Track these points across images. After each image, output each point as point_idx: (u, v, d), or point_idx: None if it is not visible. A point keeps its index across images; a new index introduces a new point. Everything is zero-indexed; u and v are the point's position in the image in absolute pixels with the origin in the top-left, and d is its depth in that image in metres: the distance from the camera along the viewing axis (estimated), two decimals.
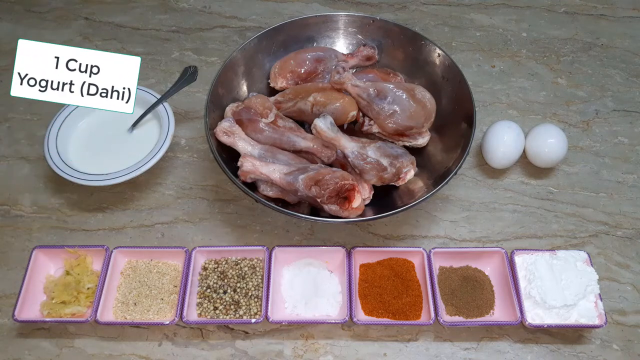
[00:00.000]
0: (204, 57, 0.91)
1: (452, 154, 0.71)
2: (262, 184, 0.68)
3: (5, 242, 0.71)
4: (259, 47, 0.80)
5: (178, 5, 1.00)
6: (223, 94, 0.75)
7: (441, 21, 0.97)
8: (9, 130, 0.82)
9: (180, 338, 0.63)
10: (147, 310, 0.63)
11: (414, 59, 0.80)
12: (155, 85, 0.83)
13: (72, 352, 0.62)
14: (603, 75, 0.89)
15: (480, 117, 0.76)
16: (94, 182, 0.70)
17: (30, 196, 0.75)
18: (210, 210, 0.74)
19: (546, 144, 0.74)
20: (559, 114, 0.84)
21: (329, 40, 0.84)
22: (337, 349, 0.62)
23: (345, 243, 0.70)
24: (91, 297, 0.63)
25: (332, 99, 0.73)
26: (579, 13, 0.98)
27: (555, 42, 0.94)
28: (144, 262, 0.67)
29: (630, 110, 0.85)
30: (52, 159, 0.72)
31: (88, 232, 0.72)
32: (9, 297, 0.65)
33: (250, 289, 0.64)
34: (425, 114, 0.72)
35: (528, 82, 0.88)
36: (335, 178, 0.63)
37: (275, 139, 0.71)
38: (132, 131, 0.77)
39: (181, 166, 0.78)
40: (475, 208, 0.75)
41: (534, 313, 0.62)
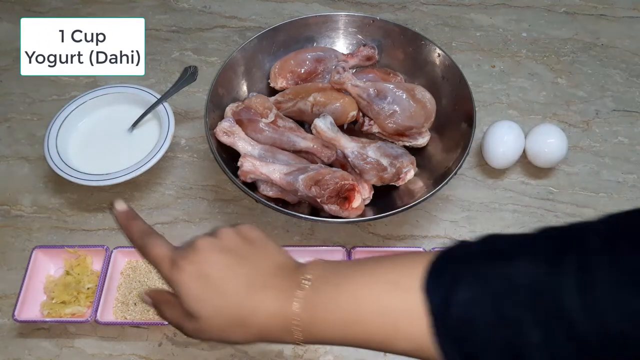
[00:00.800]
0: (204, 57, 0.91)
1: (452, 154, 0.71)
2: (262, 184, 0.68)
3: (5, 242, 0.71)
4: (259, 47, 0.80)
5: (178, 5, 1.00)
6: (223, 94, 0.75)
7: (441, 21, 0.97)
8: (9, 130, 0.82)
9: (180, 338, 0.63)
10: (147, 310, 0.63)
11: (414, 59, 0.80)
12: (155, 85, 0.82)
13: (72, 352, 0.62)
14: (603, 75, 0.89)
15: (480, 117, 0.76)
16: (94, 182, 0.70)
17: (30, 196, 0.75)
18: (211, 210, 0.74)
19: (546, 144, 0.74)
20: (559, 114, 0.84)
21: (329, 40, 0.84)
22: (337, 349, 0.62)
23: (345, 243, 0.70)
24: (91, 297, 0.63)
25: (332, 99, 0.73)
26: (579, 13, 0.98)
27: (555, 42, 0.94)
28: (144, 262, 0.67)
29: (630, 110, 0.85)
30: (52, 159, 0.72)
31: (88, 232, 0.72)
32: (9, 297, 0.65)
33: None
34: (425, 114, 0.72)
35: (528, 82, 0.88)
36: (335, 178, 0.63)
37: (275, 139, 0.71)
38: (132, 131, 0.77)
39: (181, 166, 0.78)
40: (475, 208, 0.75)
41: None
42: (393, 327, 0.39)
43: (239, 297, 0.43)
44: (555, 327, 0.32)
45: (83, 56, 0.63)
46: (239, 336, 0.44)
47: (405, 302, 0.38)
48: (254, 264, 0.45)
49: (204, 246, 0.44)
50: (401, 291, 0.38)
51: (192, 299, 0.43)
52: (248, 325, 0.43)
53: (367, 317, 0.40)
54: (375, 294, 0.40)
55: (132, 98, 0.79)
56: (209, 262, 0.44)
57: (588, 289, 0.31)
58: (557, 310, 0.31)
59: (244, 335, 0.44)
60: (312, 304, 0.42)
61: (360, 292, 0.40)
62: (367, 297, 0.40)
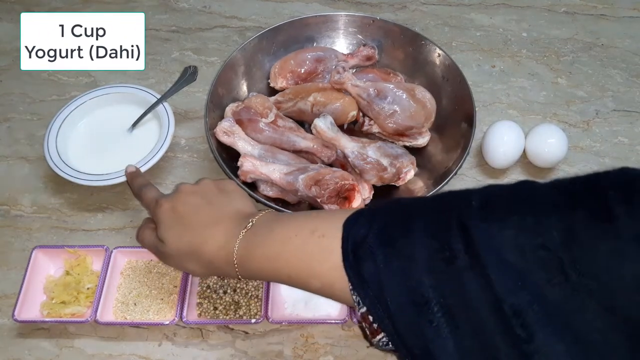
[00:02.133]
0: (204, 57, 0.91)
1: (452, 154, 0.71)
2: (262, 184, 0.68)
3: (5, 242, 0.71)
4: (259, 47, 0.80)
5: (178, 5, 1.00)
6: (223, 94, 0.75)
7: (441, 21, 0.97)
8: (9, 130, 0.82)
9: (180, 338, 0.63)
10: (147, 310, 0.63)
11: (414, 59, 0.80)
12: (155, 85, 0.82)
13: (72, 352, 0.62)
14: (603, 75, 0.89)
15: (480, 117, 0.76)
16: (94, 182, 0.70)
17: (30, 196, 0.75)
18: None
19: (546, 144, 0.74)
20: (559, 114, 0.84)
21: (329, 40, 0.84)
22: (337, 349, 0.62)
23: None
24: (91, 297, 0.63)
25: (332, 99, 0.73)
26: (579, 13, 0.98)
27: (555, 42, 0.94)
28: (144, 262, 0.67)
29: (630, 110, 0.85)
30: (52, 159, 0.72)
31: (88, 232, 0.72)
32: (9, 297, 0.65)
33: (250, 289, 0.64)
34: (426, 114, 0.72)
35: (528, 82, 0.88)
36: (335, 178, 0.63)
37: (275, 139, 0.71)
38: (132, 131, 0.77)
39: (181, 166, 0.78)
40: None
41: None
42: (308, 266, 0.46)
43: (197, 229, 0.53)
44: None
45: (83, 51, 0.63)
46: (194, 265, 0.54)
47: (319, 245, 0.45)
48: (218, 208, 0.55)
49: (183, 189, 0.56)
50: (318, 236, 0.46)
51: (163, 227, 0.55)
52: (199, 254, 0.53)
53: (288, 255, 0.47)
54: (297, 237, 0.47)
55: (132, 98, 0.79)
56: (183, 201, 0.55)
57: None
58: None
59: (197, 263, 0.54)
60: (248, 241, 0.50)
61: (287, 235, 0.48)
62: (291, 239, 0.48)
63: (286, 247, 0.48)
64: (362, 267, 0.41)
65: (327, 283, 0.45)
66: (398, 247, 0.40)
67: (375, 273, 0.40)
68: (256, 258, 0.50)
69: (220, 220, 0.53)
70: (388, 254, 0.40)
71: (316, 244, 0.46)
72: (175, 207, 0.55)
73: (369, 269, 0.40)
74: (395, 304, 0.39)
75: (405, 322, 0.38)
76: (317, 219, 0.49)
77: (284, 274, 0.48)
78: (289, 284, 0.49)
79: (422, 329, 0.37)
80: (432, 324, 0.36)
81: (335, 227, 0.44)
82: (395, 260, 0.39)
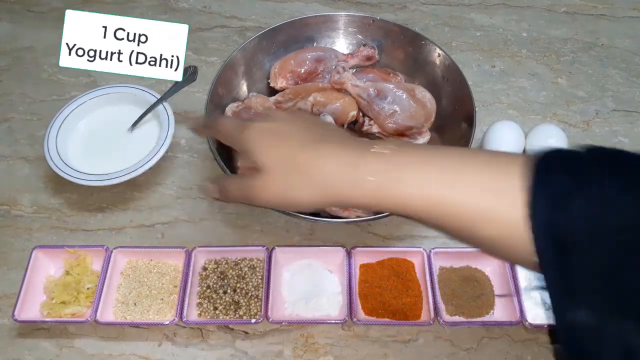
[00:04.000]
0: (204, 57, 0.91)
1: None
2: None
3: (5, 242, 0.71)
4: (259, 47, 0.80)
5: (178, 5, 1.00)
6: (223, 94, 0.75)
7: (441, 21, 0.97)
8: (9, 130, 0.82)
9: (180, 338, 0.63)
10: (147, 310, 0.63)
11: (414, 59, 0.80)
12: (155, 85, 0.82)
13: (72, 352, 0.62)
14: (603, 75, 0.89)
15: (480, 117, 0.76)
16: (94, 182, 0.70)
17: (30, 196, 0.75)
18: (210, 210, 0.74)
19: (546, 144, 0.74)
20: (559, 114, 0.84)
21: (329, 40, 0.84)
22: (337, 349, 0.62)
23: (345, 243, 0.70)
24: (91, 297, 0.63)
25: (332, 99, 0.73)
26: (579, 13, 0.98)
27: (555, 42, 0.94)
28: (144, 262, 0.67)
29: (630, 110, 0.85)
30: (52, 159, 0.72)
31: (88, 232, 0.72)
32: (9, 297, 0.65)
33: (250, 289, 0.64)
34: (426, 114, 0.72)
35: (528, 82, 0.88)
36: None
37: None
38: (132, 131, 0.77)
39: (181, 166, 0.78)
40: None
41: (534, 313, 0.62)
42: (487, 209, 0.37)
43: (307, 144, 0.44)
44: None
45: (123, 55, 0.62)
46: (303, 189, 0.43)
47: (506, 183, 0.36)
48: (324, 128, 0.48)
49: (272, 113, 0.50)
50: (504, 178, 0.37)
51: (258, 149, 0.45)
52: (310, 173, 0.42)
53: (459, 196, 0.38)
54: (473, 175, 0.38)
55: (132, 98, 0.79)
56: (277, 117, 0.48)
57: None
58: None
59: (308, 186, 0.43)
60: (395, 163, 0.40)
61: (454, 169, 0.39)
62: (462, 175, 0.38)
63: (455, 185, 0.38)
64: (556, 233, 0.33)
65: (503, 234, 0.37)
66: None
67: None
68: (406, 188, 0.40)
69: (331, 138, 0.45)
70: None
71: (502, 183, 0.37)
72: (270, 125, 0.46)
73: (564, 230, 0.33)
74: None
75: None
76: (493, 156, 0.40)
77: (446, 214, 0.39)
78: (443, 229, 0.41)
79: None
80: None
81: (516, 175, 0.36)
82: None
